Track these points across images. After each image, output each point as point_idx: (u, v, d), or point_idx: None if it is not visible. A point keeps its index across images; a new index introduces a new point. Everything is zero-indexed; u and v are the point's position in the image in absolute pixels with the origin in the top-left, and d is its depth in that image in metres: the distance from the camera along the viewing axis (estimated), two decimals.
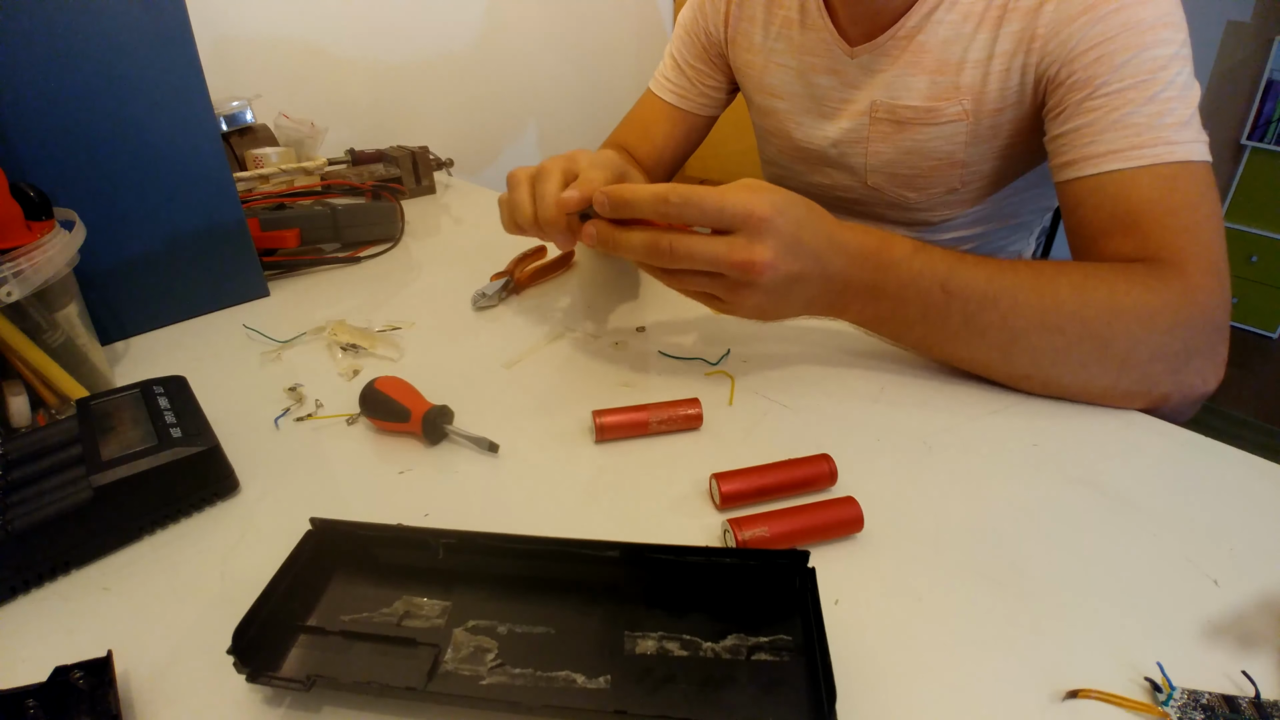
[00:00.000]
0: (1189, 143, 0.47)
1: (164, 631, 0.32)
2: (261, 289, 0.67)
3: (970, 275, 0.44)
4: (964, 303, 0.44)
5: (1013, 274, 0.44)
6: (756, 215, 0.40)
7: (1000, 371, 0.47)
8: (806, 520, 0.35)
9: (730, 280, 0.42)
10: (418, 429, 0.44)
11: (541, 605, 0.32)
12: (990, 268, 0.45)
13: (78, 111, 0.52)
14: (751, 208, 0.40)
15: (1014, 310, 0.44)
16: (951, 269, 0.44)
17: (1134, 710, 0.27)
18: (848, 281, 0.45)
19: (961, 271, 0.44)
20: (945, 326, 0.46)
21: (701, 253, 0.41)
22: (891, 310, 0.46)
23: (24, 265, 0.42)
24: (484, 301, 0.63)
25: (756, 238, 0.40)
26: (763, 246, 0.40)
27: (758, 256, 0.40)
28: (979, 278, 0.44)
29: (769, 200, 0.41)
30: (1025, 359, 0.45)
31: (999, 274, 0.44)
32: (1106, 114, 0.49)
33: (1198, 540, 0.36)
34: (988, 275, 0.44)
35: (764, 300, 0.43)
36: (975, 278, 0.44)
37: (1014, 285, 0.44)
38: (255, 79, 1.12)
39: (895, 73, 0.61)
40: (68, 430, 0.39)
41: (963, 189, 0.64)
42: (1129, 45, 0.48)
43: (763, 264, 0.40)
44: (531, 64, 1.58)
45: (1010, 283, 0.44)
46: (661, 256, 0.42)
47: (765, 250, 0.40)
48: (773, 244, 0.41)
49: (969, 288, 0.44)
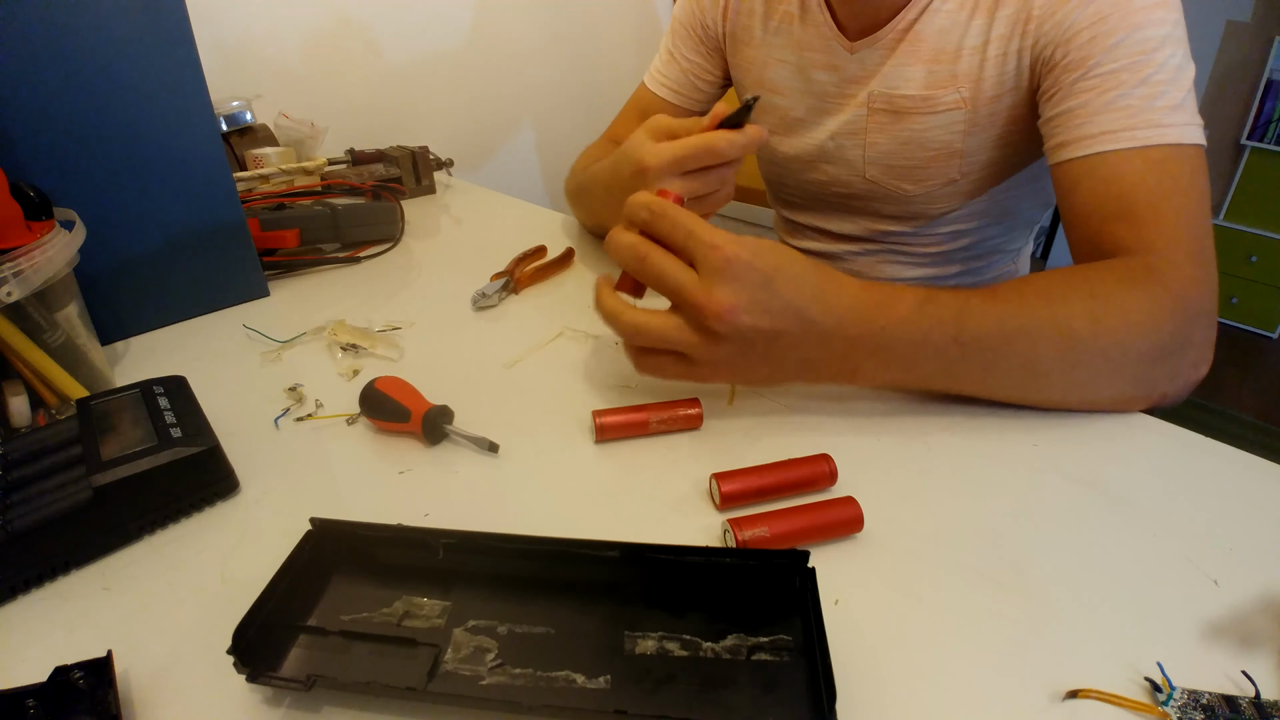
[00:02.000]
0: (1181, 125, 0.47)
1: (164, 631, 0.32)
2: (261, 289, 0.67)
3: (982, 321, 0.41)
4: (979, 352, 0.42)
5: (1024, 311, 0.42)
6: (721, 252, 0.37)
7: (1015, 401, 0.45)
8: (806, 520, 0.35)
9: (692, 329, 0.40)
10: (418, 429, 0.44)
11: (541, 605, 0.32)
12: (1001, 307, 0.42)
13: (78, 111, 0.52)
14: (718, 242, 0.38)
15: (1032, 353, 0.42)
16: (960, 320, 0.41)
17: (1134, 710, 0.27)
18: (850, 344, 0.41)
19: (972, 321, 0.41)
20: (966, 377, 0.43)
21: (667, 274, 0.39)
22: (906, 372, 0.43)
23: (24, 265, 0.42)
24: (484, 301, 0.63)
25: (719, 278, 0.38)
26: (724, 289, 0.37)
27: (714, 300, 0.37)
28: (991, 322, 0.42)
29: (742, 242, 0.38)
30: (1043, 392, 0.44)
31: (1011, 315, 0.42)
32: (1099, 95, 0.49)
33: (1198, 540, 0.36)
34: (999, 319, 0.42)
35: (733, 353, 0.40)
36: (987, 323, 0.41)
37: (1029, 325, 0.42)
38: (255, 79, 1.12)
39: (893, 64, 0.61)
40: (68, 430, 0.39)
41: (961, 180, 0.64)
42: (1122, 26, 0.48)
43: (719, 308, 0.37)
44: (531, 64, 1.58)
45: (1024, 323, 0.42)
46: (635, 265, 0.41)
47: (725, 294, 0.37)
48: (734, 289, 0.38)
49: (983, 336, 0.41)
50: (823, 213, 0.76)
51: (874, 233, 0.73)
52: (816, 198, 0.75)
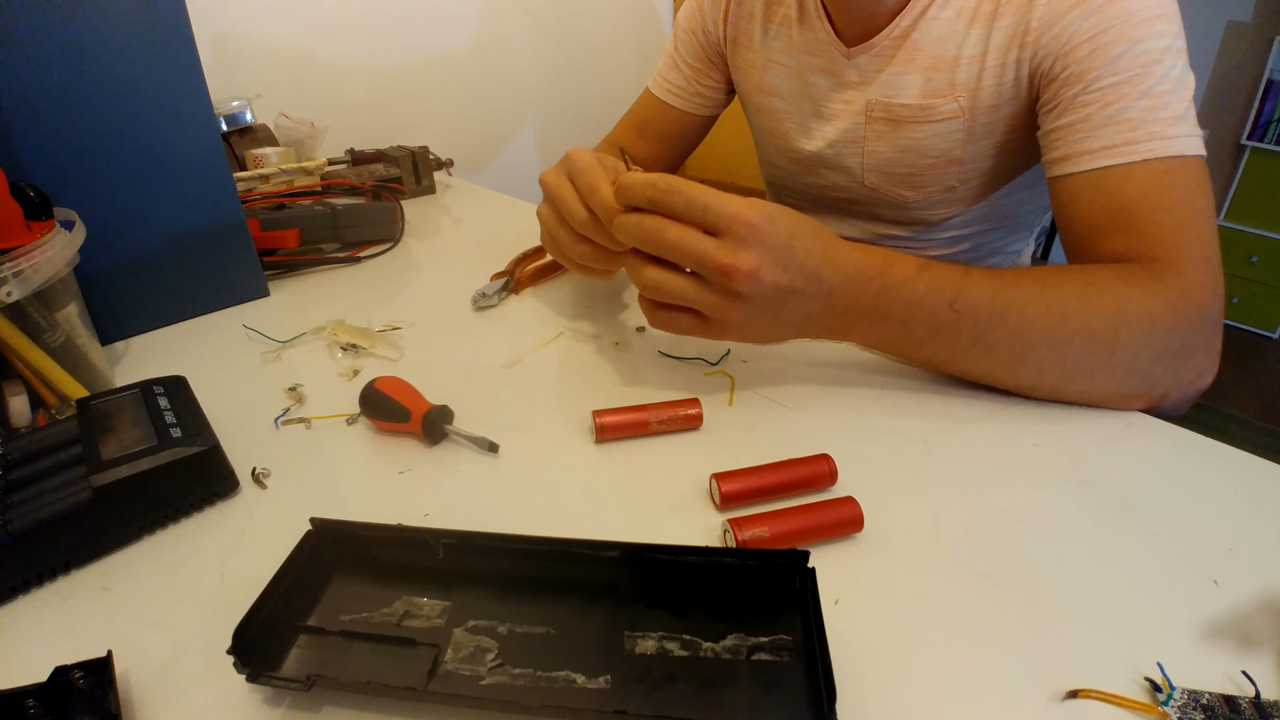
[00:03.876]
0: (1183, 137, 0.47)
1: (164, 631, 0.32)
2: (261, 289, 0.67)
3: (977, 292, 0.43)
4: (972, 321, 0.43)
5: (1018, 288, 0.44)
6: (743, 219, 0.39)
7: (1007, 383, 0.46)
8: (806, 520, 0.35)
9: (714, 290, 0.41)
10: (418, 429, 0.44)
11: (541, 605, 0.32)
12: (996, 282, 0.44)
13: (78, 111, 0.52)
14: (739, 210, 0.39)
15: (1022, 325, 0.43)
16: (958, 287, 0.43)
17: (1134, 710, 0.27)
18: (850, 302, 0.43)
19: (968, 289, 0.43)
20: (954, 345, 0.45)
21: (688, 243, 0.40)
22: (899, 332, 0.45)
23: (24, 265, 0.42)
24: (484, 301, 0.63)
25: (742, 243, 0.39)
26: (748, 253, 0.39)
27: (742, 262, 0.39)
28: (986, 294, 0.43)
29: (759, 207, 0.39)
30: (1033, 372, 0.45)
31: (1005, 289, 0.43)
32: (1101, 109, 0.49)
33: (1198, 540, 0.36)
34: (994, 291, 0.43)
35: (753, 314, 0.42)
36: (982, 294, 0.43)
37: (1021, 300, 0.43)
38: (255, 79, 1.12)
39: (890, 72, 0.61)
40: (68, 430, 0.39)
41: (960, 187, 0.64)
42: (1122, 38, 0.48)
43: (746, 270, 0.39)
44: (531, 64, 1.58)
45: (1017, 297, 0.43)
46: (648, 238, 0.41)
47: (750, 256, 0.39)
48: (759, 251, 0.39)
49: (977, 305, 0.43)
50: (823, 216, 0.76)
51: (875, 236, 0.73)
52: (817, 201, 0.75)
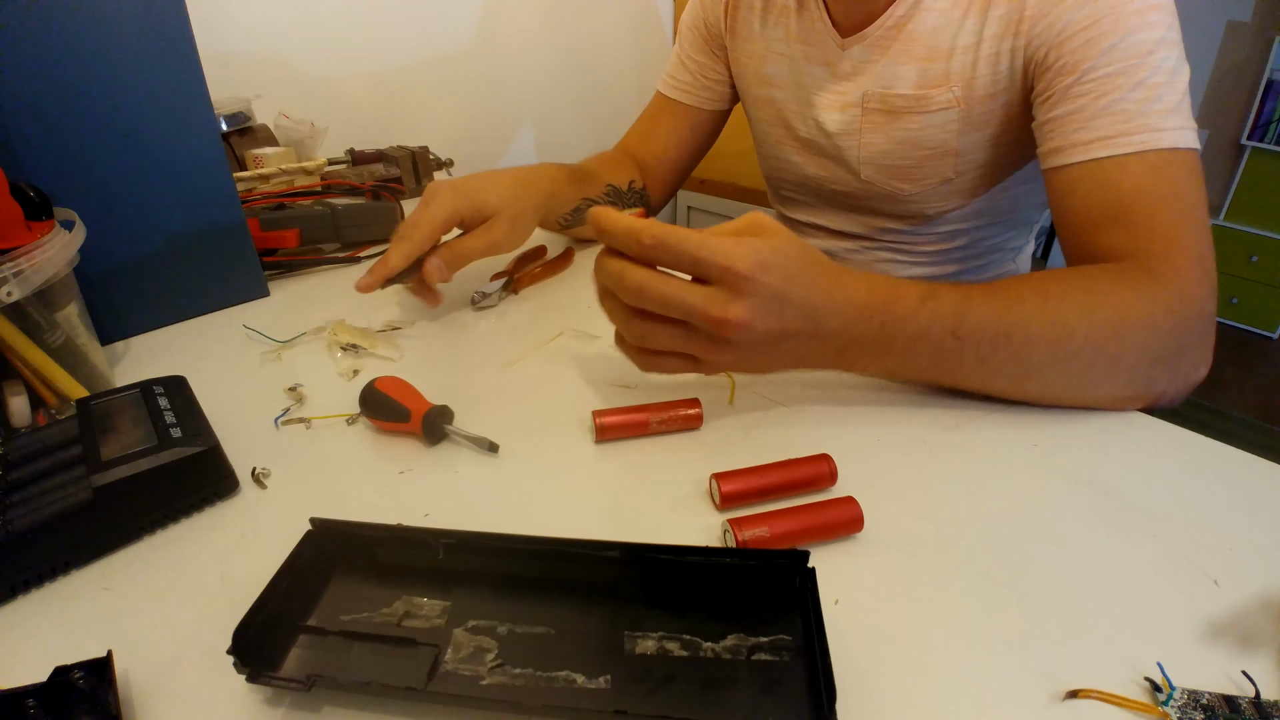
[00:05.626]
0: (1177, 129, 0.47)
1: (164, 631, 0.32)
2: (261, 289, 0.67)
3: (980, 316, 0.42)
4: (976, 347, 0.42)
5: (1021, 306, 0.43)
6: (734, 271, 0.37)
7: (1012, 396, 0.46)
8: (806, 520, 0.35)
9: (704, 338, 0.39)
10: (418, 429, 0.44)
11: (541, 605, 0.32)
12: (999, 301, 0.43)
13: (78, 112, 0.52)
14: (731, 262, 0.36)
15: (1027, 346, 0.42)
16: (960, 314, 0.42)
17: (1134, 710, 0.27)
18: (851, 339, 0.42)
19: (971, 314, 0.42)
20: (958, 369, 0.44)
21: (674, 297, 0.38)
22: (901, 363, 0.44)
23: (24, 265, 0.42)
24: (484, 301, 0.63)
25: (734, 294, 0.37)
26: (739, 304, 0.37)
27: (732, 315, 0.37)
28: (989, 317, 0.42)
29: (752, 254, 0.37)
30: (1038, 387, 0.44)
31: (1008, 309, 0.43)
32: (1095, 100, 0.48)
33: (1198, 540, 0.36)
34: (997, 313, 0.42)
35: (744, 357, 0.40)
36: (985, 318, 0.42)
37: (1024, 319, 0.42)
38: (255, 79, 1.11)
39: (886, 62, 0.61)
40: (68, 430, 0.39)
41: (957, 179, 0.64)
42: (1116, 28, 0.48)
43: (737, 323, 0.37)
44: (532, 64, 1.58)
45: (1020, 317, 0.42)
46: (629, 293, 0.39)
47: (741, 309, 0.37)
48: (751, 303, 0.37)
49: (980, 331, 0.42)
50: (821, 210, 0.77)
51: (873, 230, 0.73)
52: (815, 194, 0.76)
